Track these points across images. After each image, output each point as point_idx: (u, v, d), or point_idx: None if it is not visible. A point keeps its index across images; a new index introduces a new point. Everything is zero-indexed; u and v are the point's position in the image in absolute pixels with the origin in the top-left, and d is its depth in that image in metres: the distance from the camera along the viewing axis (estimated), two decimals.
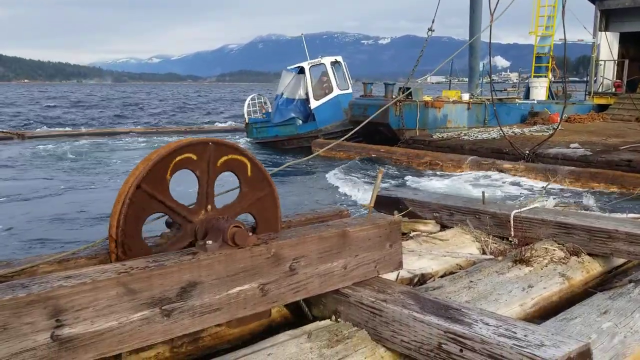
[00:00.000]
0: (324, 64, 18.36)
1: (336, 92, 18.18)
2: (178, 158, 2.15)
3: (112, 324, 1.78)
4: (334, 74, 18.36)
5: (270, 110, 19.33)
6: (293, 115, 18.12)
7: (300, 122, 18.09)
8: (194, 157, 2.20)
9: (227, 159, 2.29)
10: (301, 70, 18.35)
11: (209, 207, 2.24)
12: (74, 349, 1.71)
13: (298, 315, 2.57)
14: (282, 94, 18.58)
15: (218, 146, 2.26)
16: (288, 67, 18.98)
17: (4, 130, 23.09)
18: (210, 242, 2.07)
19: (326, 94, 18.13)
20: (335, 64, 18.72)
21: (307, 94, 18.10)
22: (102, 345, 1.77)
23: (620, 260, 3.49)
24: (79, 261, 2.21)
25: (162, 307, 1.89)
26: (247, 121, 19.35)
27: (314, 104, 17.94)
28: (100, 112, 38.55)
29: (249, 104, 19.52)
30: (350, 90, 18.66)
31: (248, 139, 19.26)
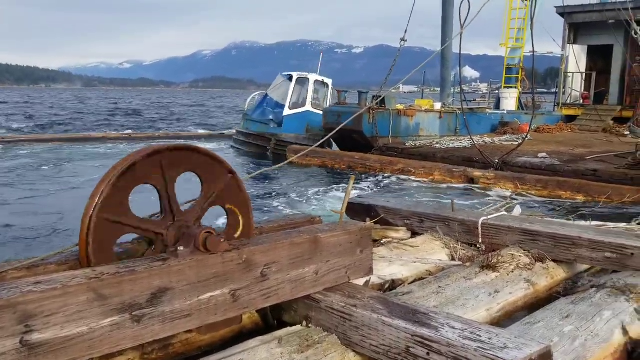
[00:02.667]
0: (308, 79, 19.22)
1: (307, 108, 18.82)
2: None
3: (82, 330, 1.78)
4: (313, 91, 19.08)
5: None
6: (271, 117, 18.74)
7: (275, 125, 18.58)
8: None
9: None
10: (290, 78, 19.13)
11: (175, 213, 2.26)
12: (44, 355, 1.71)
13: (269, 322, 2.59)
14: (269, 94, 19.51)
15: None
16: (283, 73, 20.02)
17: None
18: (181, 248, 2.09)
19: (300, 107, 18.84)
20: (320, 83, 19.53)
21: (289, 100, 18.81)
22: (72, 351, 1.77)
23: (584, 267, 3.59)
24: (49, 267, 2.20)
25: (133, 313, 1.89)
26: (245, 112, 20.38)
27: (286, 111, 18.57)
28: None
29: (253, 98, 20.62)
30: (320, 112, 18.97)
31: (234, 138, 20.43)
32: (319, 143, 5.25)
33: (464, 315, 2.49)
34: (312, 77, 19.28)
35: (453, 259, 3.63)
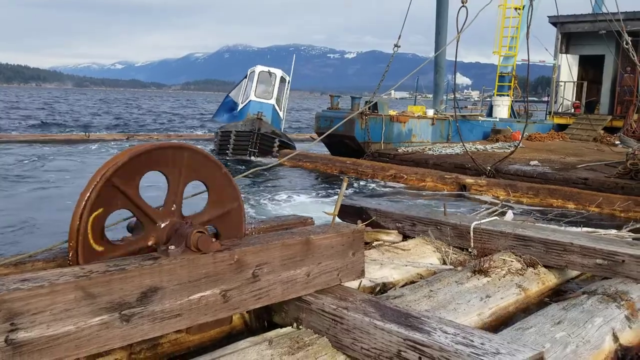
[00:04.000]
0: (254, 71, 19.44)
1: (252, 98, 19.00)
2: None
3: (70, 329, 1.75)
4: (256, 82, 19.20)
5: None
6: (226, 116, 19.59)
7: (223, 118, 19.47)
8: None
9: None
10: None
11: (175, 213, 2.23)
12: (29, 354, 1.67)
13: (260, 323, 2.57)
14: (230, 96, 20.33)
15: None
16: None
17: None
18: (172, 247, 2.06)
19: (246, 99, 19.28)
20: (266, 74, 19.52)
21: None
22: (59, 350, 1.74)
23: (575, 272, 3.60)
24: (36, 264, 2.17)
25: (122, 312, 1.86)
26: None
27: (240, 106, 19.27)
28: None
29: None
30: (270, 102, 19.20)
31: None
32: (317, 140, 5.19)
33: (455, 320, 2.48)
34: (259, 68, 19.44)
35: (444, 263, 3.62)
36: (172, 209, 2.23)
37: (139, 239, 2.17)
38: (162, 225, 2.19)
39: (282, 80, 19.85)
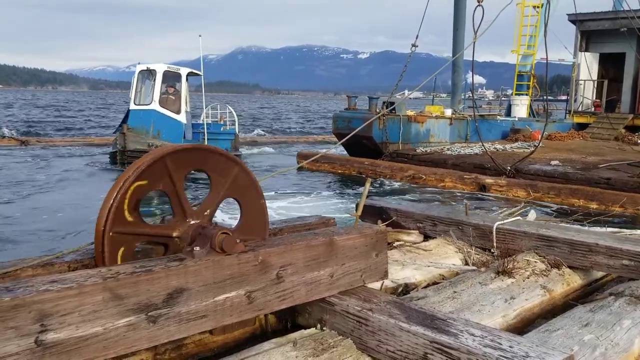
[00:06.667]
0: (155, 71, 15.36)
1: (131, 106, 15.32)
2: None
3: (97, 330, 1.76)
4: (136, 85, 15.38)
5: (222, 123, 17.79)
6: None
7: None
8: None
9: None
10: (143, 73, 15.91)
11: (187, 213, 2.24)
12: (58, 355, 1.69)
13: (283, 324, 2.56)
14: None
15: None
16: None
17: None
18: (197, 248, 2.06)
19: (146, 104, 15.31)
20: (147, 72, 15.40)
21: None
22: (87, 351, 1.75)
23: (600, 273, 3.54)
24: (63, 265, 2.19)
25: (149, 313, 1.87)
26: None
27: (132, 106, 15.54)
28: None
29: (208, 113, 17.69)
30: (152, 107, 14.97)
31: None
32: (328, 149, 5.16)
33: (480, 322, 2.45)
34: (138, 68, 15.51)
35: (467, 264, 3.59)
36: (206, 213, 2.26)
37: (165, 227, 2.21)
38: (191, 222, 2.21)
39: (183, 77, 15.77)
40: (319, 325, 2.42)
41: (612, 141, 18.88)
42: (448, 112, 18.29)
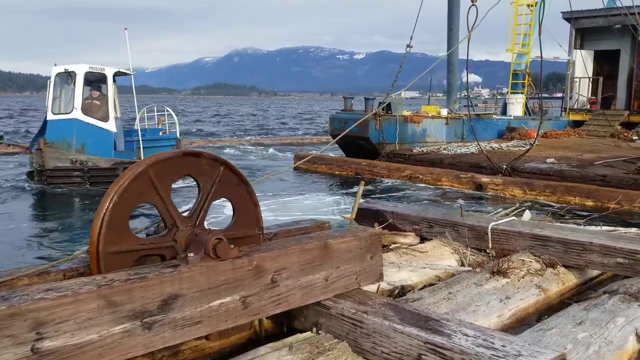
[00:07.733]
0: (75, 73, 12.85)
1: (48, 116, 12.88)
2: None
3: (93, 337, 1.78)
4: (52, 90, 12.83)
5: (160, 127, 15.59)
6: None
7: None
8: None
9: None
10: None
11: (199, 222, 2.27)
12: None
13: (279, 328, 2.58)
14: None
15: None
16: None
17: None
18: (191, 254, 2.08)
19: (66, 113, 12.91)
20: (65, 75, 12.93)
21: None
22: (83, 359, 1.76)
23: (595, 272, 3.56)
24: (59, 274, 2.20)
25: (143, 320, 1.88)
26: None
27: (50, 116, 13.08)
28: None
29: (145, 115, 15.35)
30: (74, 115, 12.53)
31: None
32: (323, 149, 5.17)
33: (475, 322, 2.47)
34: (56, 69, 12.89)
35: (462, 265, 3.60)
36: (197, 217, 2.29)
37: (157, 239, 2.23)
38: (183, 229, 2.23)
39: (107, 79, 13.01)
40: (314, 329, 2.43)
41: (608, 138, 18.90)
42: (444, 112, 18.31)
